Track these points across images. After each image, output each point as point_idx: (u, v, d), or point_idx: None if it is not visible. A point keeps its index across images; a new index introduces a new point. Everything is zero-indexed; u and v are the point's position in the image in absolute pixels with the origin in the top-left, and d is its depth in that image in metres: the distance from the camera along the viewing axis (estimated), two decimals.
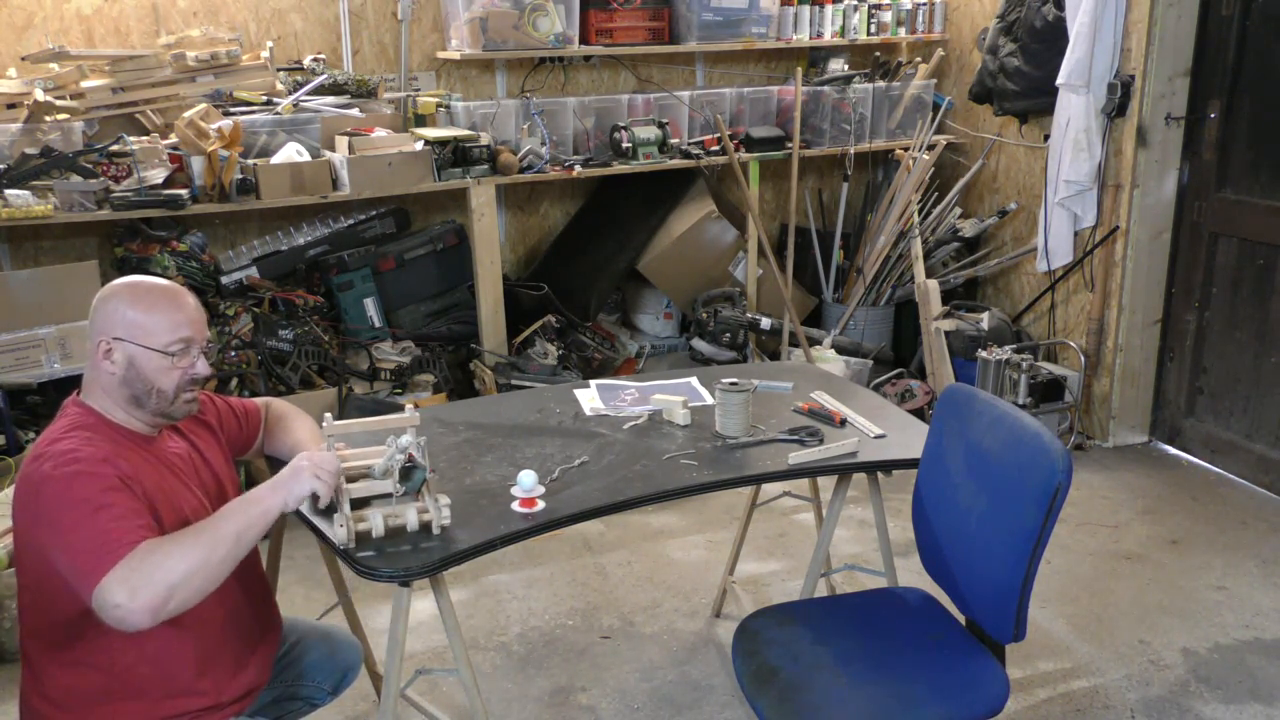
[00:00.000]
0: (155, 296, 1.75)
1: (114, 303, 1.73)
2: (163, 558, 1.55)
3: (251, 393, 3.63)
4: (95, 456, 1.63)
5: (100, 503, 1.58)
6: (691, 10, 4.31)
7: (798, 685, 1.89)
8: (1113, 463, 4.08)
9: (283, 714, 2.02)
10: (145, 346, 1.71)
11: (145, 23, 3.79)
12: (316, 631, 2.13)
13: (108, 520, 1.57)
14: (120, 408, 1.74)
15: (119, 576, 1.52)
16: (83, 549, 1.55)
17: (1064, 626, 2.98)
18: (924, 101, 4.77)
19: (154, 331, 1.72)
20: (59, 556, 1.58)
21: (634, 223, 4.50)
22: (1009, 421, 1.92)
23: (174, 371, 1.73)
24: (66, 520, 1.57)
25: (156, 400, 1.73)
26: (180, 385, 1.75)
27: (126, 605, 1.51)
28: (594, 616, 3.07)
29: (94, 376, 1.74)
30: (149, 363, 1.71)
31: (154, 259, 3.63)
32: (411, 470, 1.89)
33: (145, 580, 1.52)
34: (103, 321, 1.72)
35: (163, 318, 1.73)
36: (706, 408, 2.49)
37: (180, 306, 1.76)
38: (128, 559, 1.54)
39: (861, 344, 4.56)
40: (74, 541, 1.56)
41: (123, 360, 1.71)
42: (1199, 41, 3.82)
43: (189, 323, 1.76)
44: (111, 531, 1.56)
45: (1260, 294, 3.75)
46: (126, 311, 1.72)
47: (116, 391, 1.72)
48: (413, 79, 4.19)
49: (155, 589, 1.52)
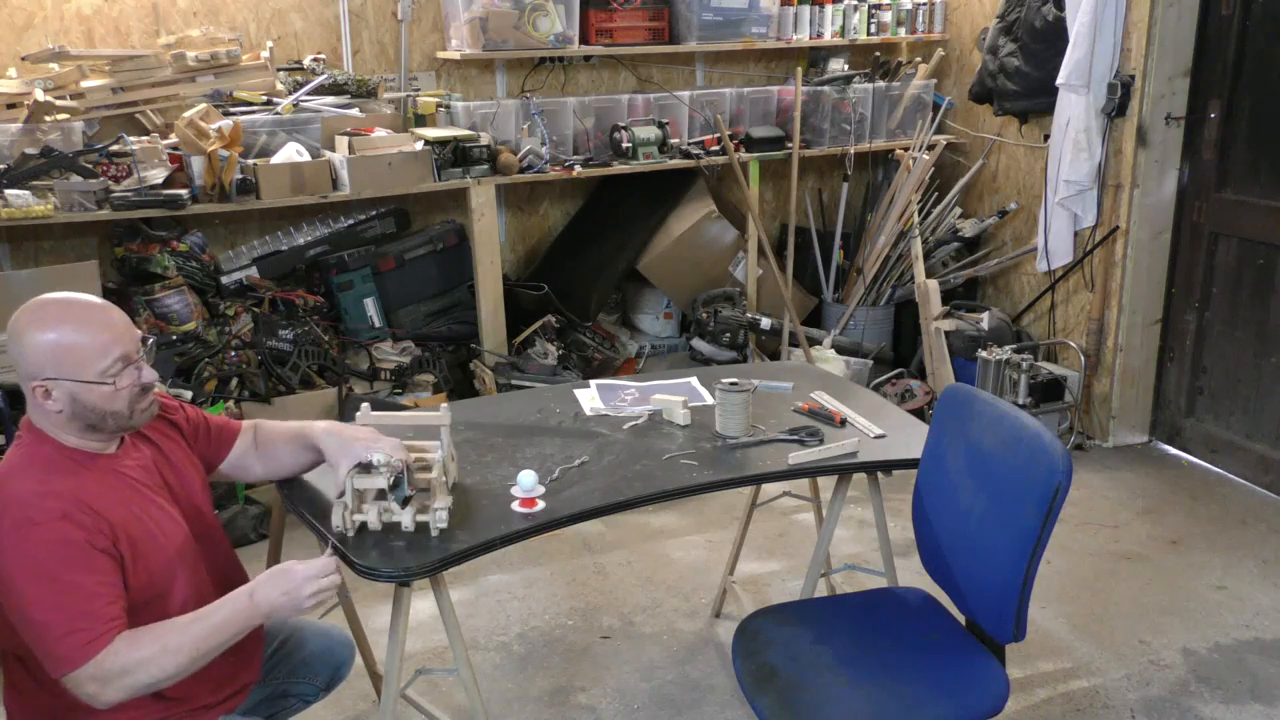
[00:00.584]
0: (75, 322, 1.60)
1: (31, 337, 1.59)
2: (138, 663, 1.54)
3: (251, 393, 3.63)
4: (52, 514, 1.53)
5: (67, 580, 1.52)
6: (691, 10, 4.30)
7: (798, 685, 1.89)
8: (1113, 463, 4.08)
9: (275, 711, 2.02)
10: (82, 381, 1.59)
11: (145, 23, 3.79)
12: (308, 628, 2.13)
13: (76, 605, 1.52)
14: (75, 435, 1.65)
15: (90, 674, 1.52)
16: (52, 639, 1.52)
17: (1064, 626, 2.98)
18: (924, 101, 4.77)
19: (85, 361, 1.59)
20: (24, 628, 1.54)
21: (634, 223, 4.50)
22: (1009, 421, 1.92)
23: (120, 393, 1.62)
24: (32, 599, 1.52)
25: (113, 421, 1.65)
26: (132, 400, 1.65)
27: (96, 696, 1.53)
28: (594, 616, 3.07)
29: (40, 414, 1.63)
30: (91, 395, 1.60)
31: (154, 259, 3.64)
32: (399, 484, 1.88)
33: (117, 682, 1.54)
34: (28, 363, 1.59)
35: (88, 344, 1.59)
36: (706, 408, 2.49)
37: (104, 326, 1.62)
38: (100, 658, 1.52)
39: (861, 344, 4.56)
40: (41, 622, 1.52)
41: (64, 398, 1.59)
42: (1199, 41, 3.82)
43: (116, 339, 1.62)
44: (82, 621, 1.52)
45: (1260, 294, 3.75)
46: (49, 350, 1.58)
47: (68, 425, 1.63)
48: (413, 79, 4.19)
49: (126, 689, 1.55)
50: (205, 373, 3.54)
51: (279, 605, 1.67)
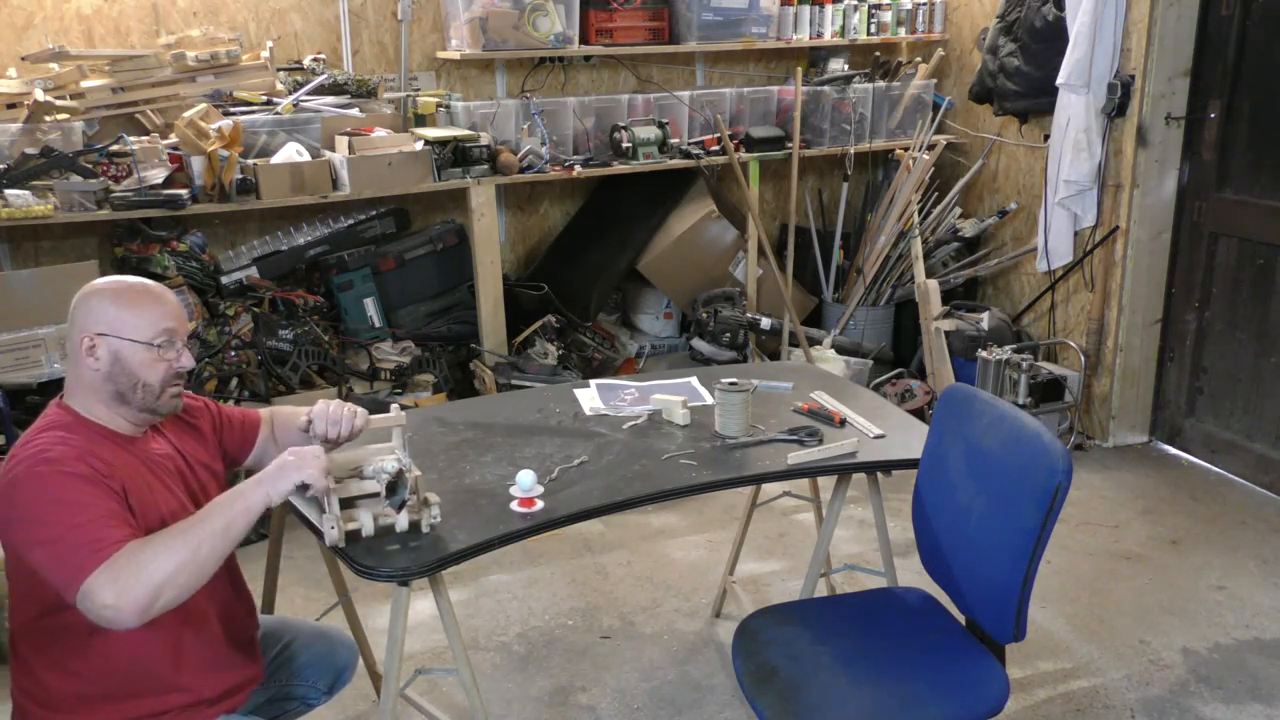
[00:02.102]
0: (136, 292, 1.75)
1: (95, 300, 1.73)
2: (150, 557, 1.55)
3: (252, 393, 3.63)
4: (67, 455, 1.62)
5: (78, 502, 1.58)
6: (691, 10, 4.30)
7: (798, 685, 1.89)
8: (1113, 463, 4.08)
9: (278, 714, 2.02)
10: (129, 339, 1.71)
11: (145, 23, 3.79)
12: (311, 631, 2.13)
13: (87, 520, 1.57)
14: (104, 405, 1.73)
15: (105, 578, 1.52)
16: (65, 551, 1.54)
17: (1064, 626, 2.98)
18: (924, 101, 4.77)
19: (137, 325, 1.72)
20: (39, 558, 1.57)
21: (634, 223, 4.50)
22: (1009, 421, 1.92)
23: (159, 364, 1.73)
24: (44, 520, 1.57)
25: (142, 394, 1.73)
26: (166, 379, 1.74)
27: (115, 605, 1.52)
28: (594, 616, 3.07)
29: (77, 375, 1.73)
30: (134, 356, 1.71)
31: (154, 259, 3.63)
32: (396, 486, 1.87)
33: (132, 579, 1.53)
34: (84, 319, 1.72)
35: (145, 311, 1.73)
36: (706, 408, 2.49)
37: (162, 301, 1.76)
38: (113, 559, 1.54)
39: (861, 344, 4.56)
40: (55, 543, 1.55)
41: (107, 356, 1.70)
42: (1199, 41, 3.82)
43: (171, 315, 1.76)
44: (94, 532, 1.56)
45: (1260, 294, 3.75)
46: (108, 308, 1.72)
47: (101, 388, 1.71)
48: (413, 79, 4.19)
49: (142, 588, 1.53)
50: (205, 373, 3.54)
51: (265, 474, 1.71)
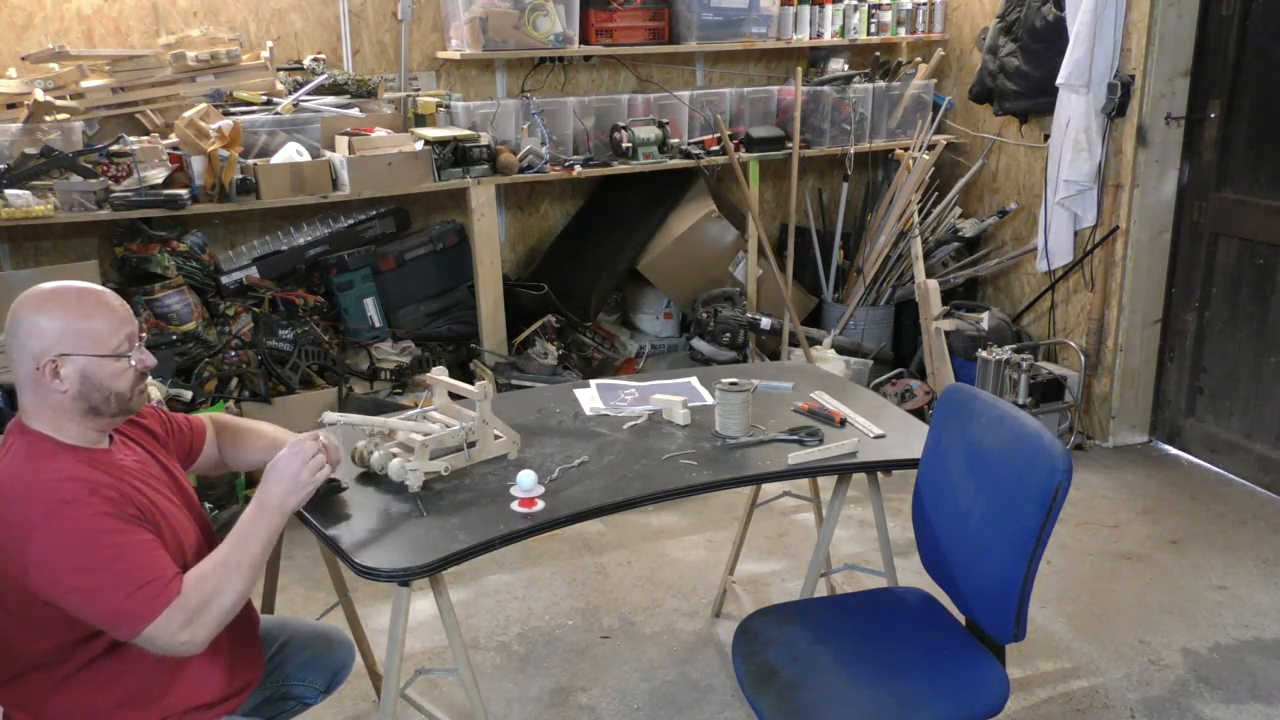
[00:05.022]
0: (87, 303, 1.66)
1: (43, 319, 1.63)
2: (213, 593, 1.62)
3: (252, 393, 3.63)
4: (82, 489, 1.59)
5: (118, 542, 1.57)
6: (691, 10, 4.30)
7: (798, 685, 1.89)
8: (1113, 463, 4.08)
9: (275, 714, 2.01)
10: (95, 355, 1.64)
11: (145, 23, 3.79)
12: (308, 630, 2.13)
13: (136, 561, 1.58)
14: (74, 423, 1.66)
15: (177, 619, 1.58)
16: (119, 595, 1.55)
17: (1064, 626, 2.98)
18: (924, 101, 4.77)
19: (98, 338, 1.65)
20: (79, 602, 1.56)
21: (634, 223, 4.50)
22: (1009, 421, 1.92)
23: (128, 372, 1.68)
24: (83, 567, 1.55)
25: (115, 403, 1.68)
26: (135, 382, 1.70)
27: (190, 640, 1.59)
28: (594, 616, 3.07)
29: (40, 399, 1.65)
30: (102, 370, 1.65)
31: (154, 259, 3.64)
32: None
33: (205, 615, 1.61)
34: (37, 342, 1.62)
35: (102, 321, 1.66)
36: (706, 408, 2.49)
37: (111, 305, 1.69)
38: (180, 599, 1.58)
39: (861, 344, 4.55)
40: (102, 589, 1.55)
41: (75, 375, 1.63)
42: (1199, 41, 3.82)
43: (125, 318, 1.70)
44: (142, 573, 1.57)
45: (1260, 294, 3.75)
46: (62, 325, 1.63)
47: (71, 408, 1.65)
48: (413, 79, 4.19)
49: (215, 623, 1.62)
50: (205, 373, 3.55)
51: (286, 495, 1.76)
